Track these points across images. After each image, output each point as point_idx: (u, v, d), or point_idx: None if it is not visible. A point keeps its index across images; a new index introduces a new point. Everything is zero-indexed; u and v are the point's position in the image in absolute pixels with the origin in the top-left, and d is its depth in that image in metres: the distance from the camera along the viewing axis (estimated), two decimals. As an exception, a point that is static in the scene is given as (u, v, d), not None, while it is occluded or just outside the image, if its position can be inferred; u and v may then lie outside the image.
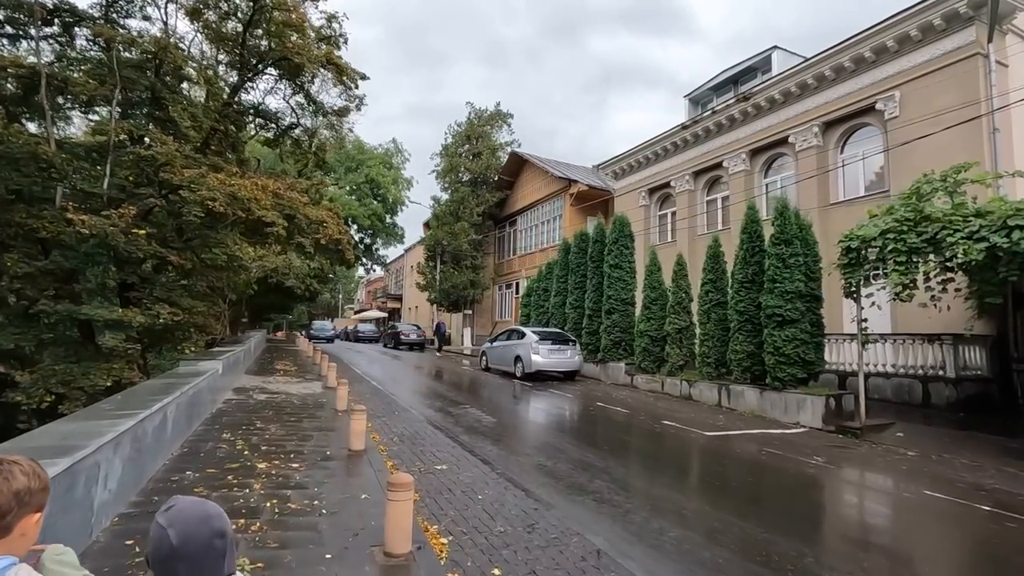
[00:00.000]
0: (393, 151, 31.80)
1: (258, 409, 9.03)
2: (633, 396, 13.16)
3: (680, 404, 12.14)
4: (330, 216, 12.35)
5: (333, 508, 4.59)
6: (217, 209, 9.38)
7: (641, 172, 22.66)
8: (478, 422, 9.30)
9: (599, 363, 16.40)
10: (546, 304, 19.90)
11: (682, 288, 13.82)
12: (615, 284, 15.97)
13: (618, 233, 16.35)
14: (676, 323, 13.59)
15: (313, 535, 4.02)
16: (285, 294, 29.59)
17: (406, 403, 11.10)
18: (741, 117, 17.92)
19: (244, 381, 12.38)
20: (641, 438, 8.66)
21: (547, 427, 9.23)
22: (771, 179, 17.67)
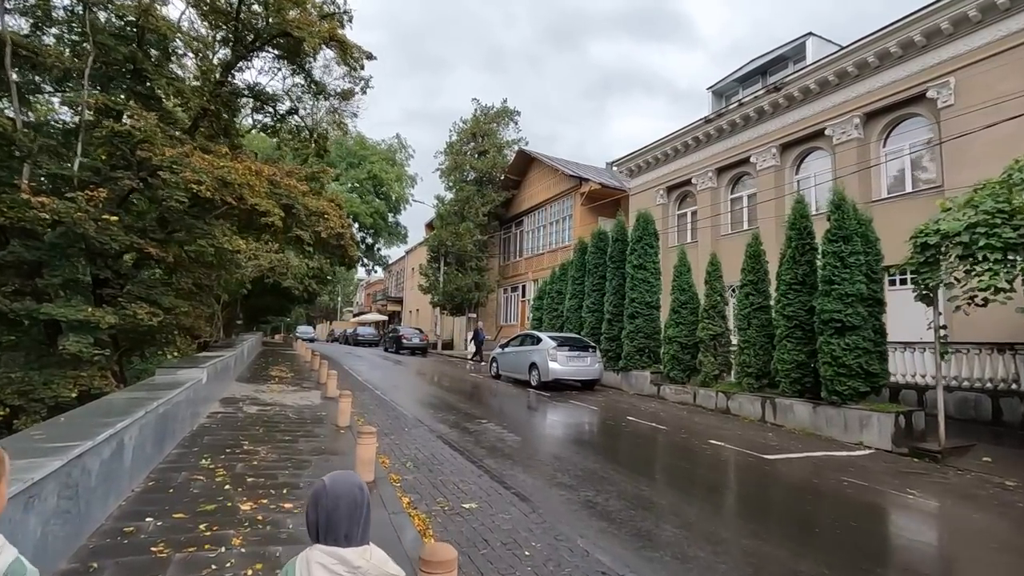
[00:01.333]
0: (396, 147, 30.64)
1: (247, 425, 7.79)
2: (663, 409, 11.94)
3: (718, 419, 10.93)
4: (332, 208, 11.16)
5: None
6: (204, 194, 8.18)
7: (659, 169, 21.51)
8: (500, 441, 8.08)
9: (621, 371, 15.18)
10: (560, 307, 18.69)
11: (716, 291, 12.63)
12: (639, 286, 14.77)
13: (642, 231, 15.16)
14: (710, 329, 12.39)
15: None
16: (282, 295, 28.34)
17: (415, 416, 9.87)
18: (771, 109, 16.79)
19: (235, 390, 11.14)
20: (694, 463, 7.44)
21: (581, 448, 8.01)
22: (803, 175, 16.52)
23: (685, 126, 19.77)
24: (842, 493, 6.18)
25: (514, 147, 32.96)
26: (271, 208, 9.30)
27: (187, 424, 6.99)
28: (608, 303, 15.88)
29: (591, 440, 8.77)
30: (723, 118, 18.24)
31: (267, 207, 9.19)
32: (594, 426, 9.90)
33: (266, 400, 10.15)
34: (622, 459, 7.59)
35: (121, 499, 4.40)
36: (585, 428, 9.76)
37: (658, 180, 21.47)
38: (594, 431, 9.50)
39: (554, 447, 7.89)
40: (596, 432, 9.42)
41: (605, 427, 9.77)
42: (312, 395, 11.19)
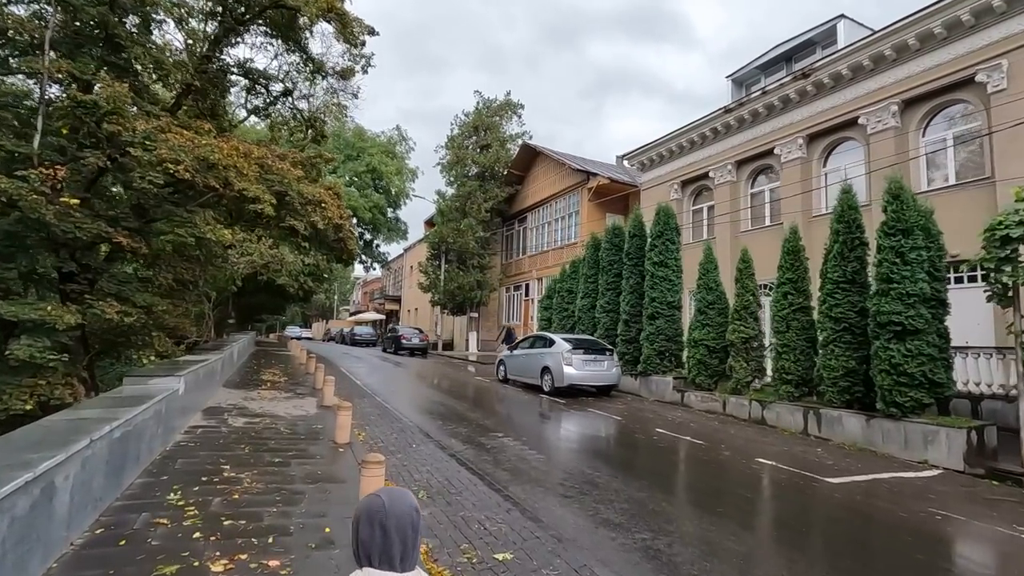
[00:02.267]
0: (396, 139, 29.48)
1: (231, 444, 6.72)
2: (692, 419, 10.91)
3: (755, 431, 9.91)
4: (330, 196, 10.07)
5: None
6: (182, 175, 7.09)
7: (673, 162, 20.49)
8: (523, 460, 7.03)
9: (639, 376, 14.16)
10: (571, 307, 17.64)
11: (748, 289, 11.60)
12: (659, 285, 13.74)
13: (663, 226, 14.13)
14: (742, 331, 11.37)
15: None
16: (276, 293, 27.21)
17: (422, 428, 8.81)
18: (798, 97, 15.78)
19: (221, 397, 10.06)
20: (753, 490, 6.41)
21: (616, 469, 6.97)
22: (832, 168, 15.52)
23: (703, 116, 18.75)
24: (941, 531, 5.16)
25: (517, 141, 31.90)
26: (261, 194, 8.22)
27: (158, 444, 5.91)
28: (625, 303, 14.85)
29: (625, 459, 7.72)
30: (744, 107, 17.22)
31: (256, 193, 8.11)
32: (623, 440, 8.86)
33: (255, 410, 9.06)
34: (668, 485, 6.55)
35: (51, 561, 3.32)
36: (613, 443, 8.72)
37: (672, 174, 20.46)
38: (625, 447, 8.46)
39: (586, 468, 6.84)
40: (627, 448, 8.38)
41: (635, 442, 8.72)
42: (307, 403, 10.11)
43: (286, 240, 20.36)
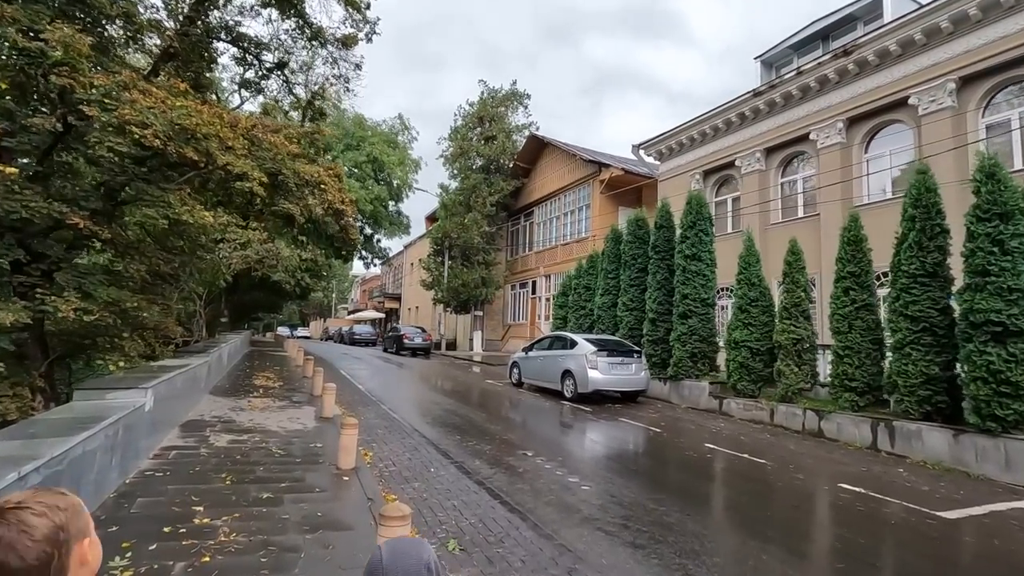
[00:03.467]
0: (399, 128, 28.15)
1: (209, 472, 5.45)
2: (738, 430, 9.68)
3: (815, 446, 8.68)
4: (330, 178, 8.80)
5: None
6: (151, 143, 5.82)
7: (695, 151, 19.23)
8: (567, 490, 5.78)
9: (669, 380, 12.92)
10: (589, 304, 16.40)
11: (799, 285, 10.37)
12: (692, 280, 12.49)
13: (695, 216, 12.88)
14: (793, 332, 10.13)
15: None
16: (272, 291, 25.92)
17: (439, 444, 7.55)
18: (837, 77, 14.53)
19: (205, 408, 8.79)
20: (867, 534, 5.16)
21: (683, 502, 5.73)
22: (876, 153, 14.28)
23: (729, 101, 17.50)
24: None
25: (524, 132, 30.64)
26: (250, 171, 6.96)
27: (114, 477, 4.64)
28: (651, 300, 13.59)
29: (686, 487, 6.47)
30: (776, 90, 15.97)
31: (244, 169, 6.85)
32: (672, 459, 7.61)
33: (243, 423, 7.79)
34: (757, 526, 5.29)
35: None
36: (663, 463, 7.47)
37: (693, 163, 19.20)
38: (679, 469, 7.21)
39: (646, 500, 5.59)
40: (683, 471, 7.13)
41: (687, 462, 7.48)
42: (304, 414, 8.84)
43: (281, 232, 19.10)
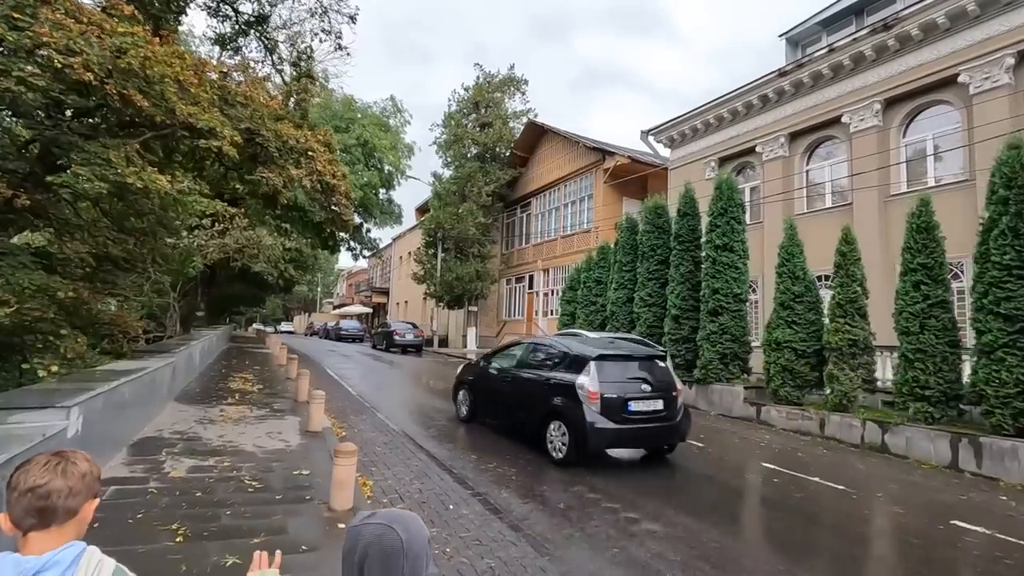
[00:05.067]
0: (391, 110, 26.52)
1: (155, 522, 4.03)
2: (788, 444, 8.46)
3: (884, 464, 7.49)
4: (319, 145, 7.35)
5: None
6: (83, 77, 4.37)
7: (710, 137, 18.00)
8: (630, 538, 4.46)
9: (697, 384, 11.67)
10: (600, 300, 15.11)
11: (855, 279, 9.16)
12: (724, 273, 11.24)
13: (726, 202, 11.63)
14: (849, 332, 8.92)
15: None
16: (253, 283, 24.26)
17: (453, 468, 6.17)
18: (875, 55, 13.35)
19: (167, 420, 7.32)
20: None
21: (783, 556, 4.45)
22: (915, 137, 13.16)
23: (751, 82, 16.26)
24: None
25: (521, 119, 29.21)
26: (218, 127, 5.52)
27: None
28: (674, 295, 12.33)
29: (776, 530, 5.18)
30: (804, 69, 14.76)
31: (210, 123, 5.42)
32: (738, 488, 6.34)
33: (212, 441, 6.34)
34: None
35: None
36: (731, 493, 6.18)
37: (708, 150, 17.97)
38: (752, 502, 5.93)
39: (737, 554, 4.30)
40: (758, 504, 5.86)
41: (758, 491, 6.20)
42: (286, 427, 7.41)
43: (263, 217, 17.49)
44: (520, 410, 7.65)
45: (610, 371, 6.80)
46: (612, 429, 6.48)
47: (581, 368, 6.80)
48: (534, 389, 7.42)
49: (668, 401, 6.93)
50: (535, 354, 7.93)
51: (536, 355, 7.90)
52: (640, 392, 6.79)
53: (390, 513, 1.15)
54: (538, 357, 7.83)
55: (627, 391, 6.70)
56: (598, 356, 6.85)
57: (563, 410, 6.73)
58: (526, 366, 7.91)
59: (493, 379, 8.40)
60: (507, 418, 8.12)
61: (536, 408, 7.19)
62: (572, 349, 7.25)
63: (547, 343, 8.04)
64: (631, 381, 6.87)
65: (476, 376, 8.96)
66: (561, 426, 6.72)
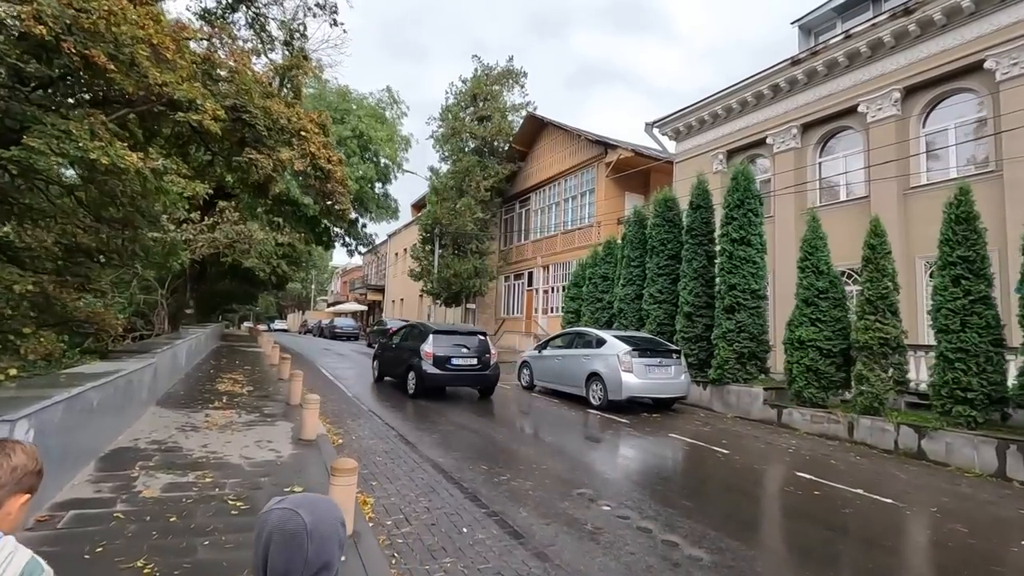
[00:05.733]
0: (387, 102, 25.81)
1: (118, 558, 3.39)
2: (817, 449, 7.90)
3: (926, 472, 6.95)
4: (313, 126, 6.70)
5: None
6: (35, 31, 3.72)
7: (718, 128, 17.44)
8: (674, 568, 3.87)
9: (711, 384, 11.11)
10: (607, 296, 14.53)
11: (886, 273, 8.61)
12: (741, 268, 10.68)
13: (742, 193, 11.06)
14: (880, 330, 8.37)
15: None
16: (244, 279, 23.53)
17: (463, 482, 5.56)
18: (894, 41, 12.81)
19: (144, 426, 6.68)
20: None
21: None
22: (935, 127, 12.62)
23: (761, 71, 15.71)
24: None
25: (520, 113, 28.56)
26: (199, 98, 4.88)
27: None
28: (686, 291, 11.76)
29: (840, 555, 4.60)
30: (819, 57, 14.20)
31: (190, 95, 4.78)
32: (778, 502, 5.77)
33: (193, 452, 5.70)
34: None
35: None
36: (776, 511, 5.61)
37: (716, 142, 17.41)
38: (801, 521, 5.35)
39: None
40: (808, 524, 5.27)
41: (803, 507, 5.62)
42: (278, 434, 6.77)
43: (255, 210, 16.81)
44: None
45: (441, 340, 10.77)
46: (440, 374, 10.58)
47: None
48: (402, 354, 11.77)
49: (482, 360, 11.03)
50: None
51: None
52: (460, 354, 10.80)
53: (298, 497, 1.12)
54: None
55: (449, 352, 10.68)
56: (435, 331, 10.98)
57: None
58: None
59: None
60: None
61: (403, 364, 11.40)
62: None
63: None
64: (455, 347, 10.83)
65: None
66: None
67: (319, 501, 1.12)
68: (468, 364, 10.74)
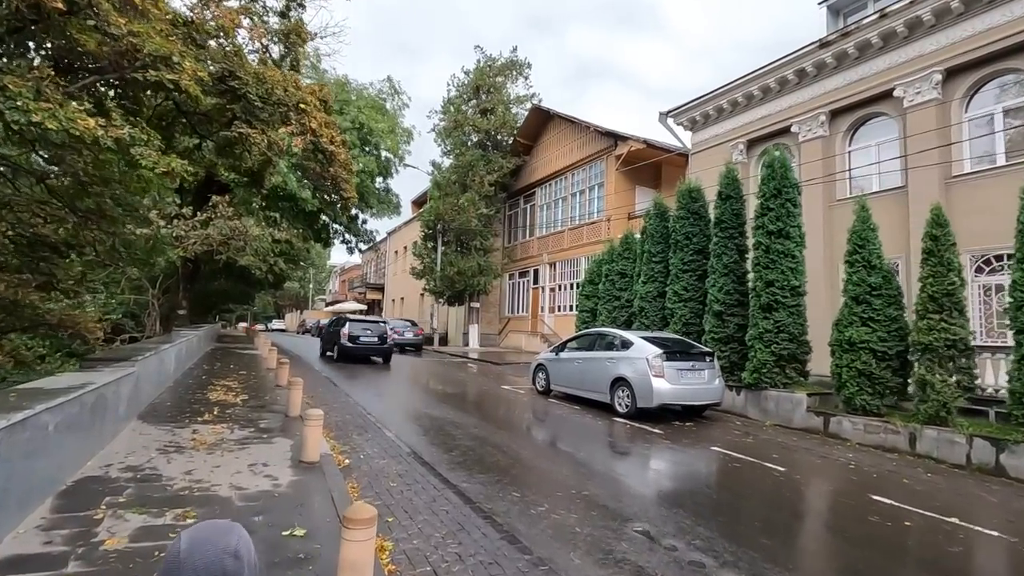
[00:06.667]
0: (388, 92, 24.84)
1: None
2: (882, 465, 7.05)
3: (1012, 492, 6.09)
4: (313, 99, 5.81)
5: None
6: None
7: (738, 117, 16.58)
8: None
9: (745, 389, 10.26)
10: (625, 294, 13.66)
11: (951, 267, 7.75)
12: (779, 263, 9.82)
13: (779, 182, 10.19)
14: (946, 330, 7.52)
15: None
16: (240, 278, 22.59)
17: (496, 515, 4.69)
18: (934, 19, 11.95)
19: (120, 446, 5.79)
20: None
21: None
22: (978, 112, 11.77)
23: (786, 55, 14.84)
24: None
25: (525, 105, 27.67)
26: (175, 55, 4.00)
27: None
28: (716, 288, 10.90)
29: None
30: (850, 38, 13.34)
31: (162, 48, 3.90)
32: (858, 529, 4.90)
33: (174, 481, 4.82)
34: None
35: None
36: (860, 540, 4.75)
37: (736, 132, 16.56)
38: (905, 558, 4.49)
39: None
40: (905, 558, 4.41)
41: (897, 538, 4.76)
42: (275, 455, 5.89)
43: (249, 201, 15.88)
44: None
45: (354, 326, 17.44)
46: (351, 347, 16.91)
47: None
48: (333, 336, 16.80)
49: (381, 338, 17.52)
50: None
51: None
52: (365, 333, 17.26)
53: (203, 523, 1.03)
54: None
55: (358, 333, 17.16)
56: (349, 320, 17.89)
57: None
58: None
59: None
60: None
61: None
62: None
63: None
64: (363, 330, 17.38)
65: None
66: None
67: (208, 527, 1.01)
68: (371, 341, 17.41)
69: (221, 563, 0.94)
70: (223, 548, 0.96)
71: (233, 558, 0.96)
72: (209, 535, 0.98)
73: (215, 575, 0.93)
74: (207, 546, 0.96)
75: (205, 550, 0.95)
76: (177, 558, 0.94)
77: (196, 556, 0.94)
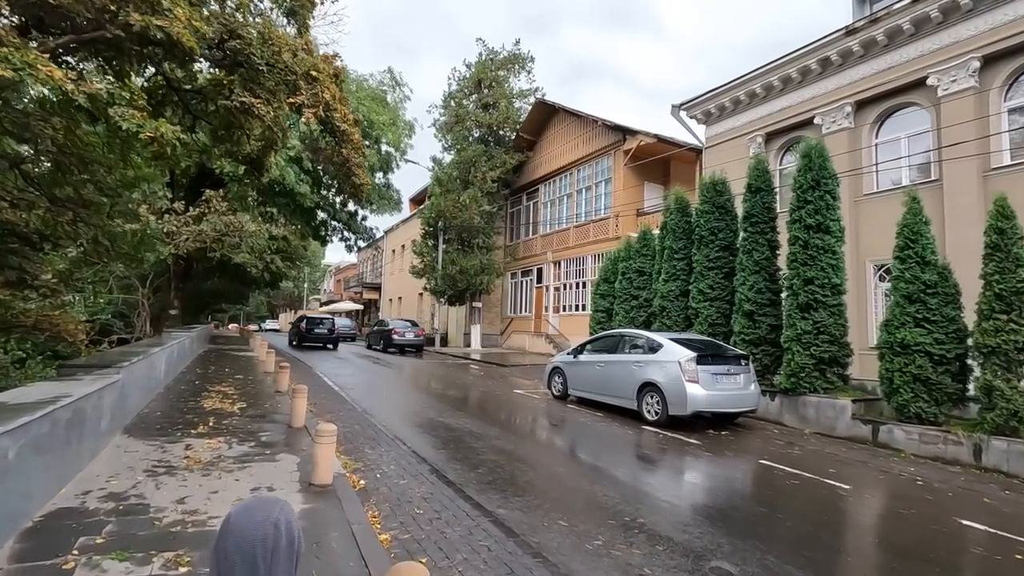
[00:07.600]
0: (389, 84, 24.07)
1: None
2: (953, 481, 6.39)
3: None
4: (326, 65, 5.07)
5: None
6: None
7: (755, 109, 15.92)
8: None
9: (780, 395, 9.59)
10: (644, 293, 12.97)
11: (1020, 262, 7.10)
12: (819, 259, 9.15)
13: (817, 172, 9.53)
14: (1017, 331, 6.87)
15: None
16: (235, 276, 21.76)
17: (543, 550, 3.98)
18: (971, 4, 11.33)
19: (102, 468, 5.03)
20: None
21: None
22: (1018, 101, 11.18)
23: (808, 44, 14.21)
24: None
25: (528, 99, 26.96)
26: (165, 1, 3.27)
27: None
28: (746, 286, 10.23)
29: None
30: (879, 25, 12.71)
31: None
32: (969, 570, 4.22)
33: (163, 513, 4.07)
34: None
35: None
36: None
37: (753, 124, 15.90)
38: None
39: None
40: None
41: (1004, 569, 4.09)
42: (280, 475, 5.15)
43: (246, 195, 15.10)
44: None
45: (310, 322, 25.04)
46: (308, 335, 24.28)
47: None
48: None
49: (330, 331, 24.87)
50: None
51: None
52: (319, 327, 24.69)
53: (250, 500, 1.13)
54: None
55: (314, 327, 24.58)
56: (308, 317, 26.03)
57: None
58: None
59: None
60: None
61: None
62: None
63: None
64: (318, 324, 24.95)
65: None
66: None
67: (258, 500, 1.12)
68: (322, 333, 24.27)
69: (262, 530, 1.03)
70: (265, 518, 1.05)
71: (273, 527, 1.04)
72: (257, 506, 1.09)
73: (254, 540, 1.02)
74: (253, 514, 1.06)
75: (251, 517, 1.05)
76: (227, 524, 1.05)
77: (242, 522, 1.04)
